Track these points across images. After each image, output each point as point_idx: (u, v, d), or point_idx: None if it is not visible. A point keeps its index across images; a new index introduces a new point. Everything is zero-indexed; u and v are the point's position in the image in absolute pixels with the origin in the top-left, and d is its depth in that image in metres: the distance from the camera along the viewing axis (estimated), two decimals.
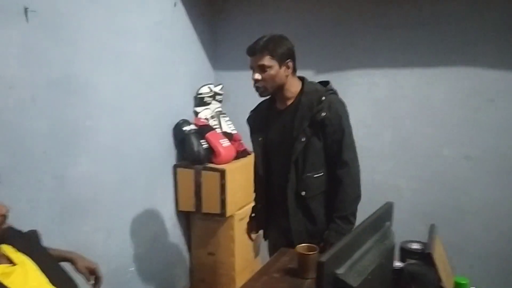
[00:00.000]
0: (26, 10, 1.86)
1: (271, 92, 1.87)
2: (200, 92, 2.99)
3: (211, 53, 3.18)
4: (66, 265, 1.58)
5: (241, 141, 3.02)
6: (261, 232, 2.16)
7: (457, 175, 2.60)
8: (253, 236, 2.21)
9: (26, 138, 1.91)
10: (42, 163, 1.99)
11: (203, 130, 2.86)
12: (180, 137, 2.81)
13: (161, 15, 2.72)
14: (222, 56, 3.19)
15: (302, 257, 1.54)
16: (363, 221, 1.05)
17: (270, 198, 2.00)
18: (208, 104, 3.04)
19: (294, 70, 1.87)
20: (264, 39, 1.80)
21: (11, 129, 1.85)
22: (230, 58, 3.17)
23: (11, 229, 1.36)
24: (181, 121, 2.83)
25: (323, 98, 1.81)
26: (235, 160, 2.91)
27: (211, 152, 2.82)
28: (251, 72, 1.85)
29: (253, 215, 2.18)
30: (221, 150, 2.80)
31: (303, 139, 1.80)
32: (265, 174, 1.99)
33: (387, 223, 1.17)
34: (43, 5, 1.92)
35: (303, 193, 1.85)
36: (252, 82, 1.86)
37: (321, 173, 1.85)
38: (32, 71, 1.92)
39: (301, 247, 1.57)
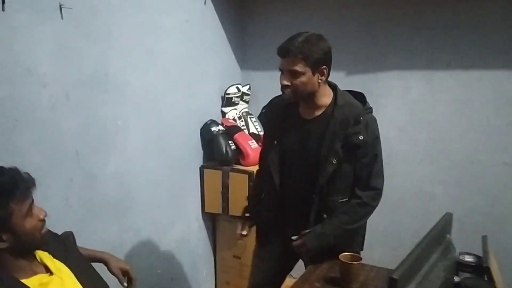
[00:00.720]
0: (61, 6, 1.82)
1: (299, 99, 1.70)
2: (228, 92, 2.94)
3: (239, 52, 3.13)
4: (98, 266, 1.54)
5: None
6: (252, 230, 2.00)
7: (496, 182, 2.50)
8: (245, 232, 1.95)
9: (59, 137, 1.88)
10: (74, 162, 1.96)
11: (232, 130, 2.81)
12: (208, 138, 2.76)
13: (191, 13, 2.67)
14: (249, 55, 3.14)
15: (345, 266, 1.48)
16: (427, 234, 0.98)
17: (281, 208, 1.85)
18: (236, 104, 2.99)
19: (328, 76, 1.69)
20: (300, 39, 1.58)
21: (44, 127, 1.82)
22: (258, 58, 3.11)
23: (48, 232, 1.32)
24: (209, 121, 2.79)
25: (361, 118, 1.65)
26: None
27: (239, 153, 2.76)
28: (278, 72, 1.68)
29: (247, 215, 2.00)
30: (249, 151, 2.74)
31: (334, 161, 1.63)
32: (280, 184, 1.82)
33: (448, 236, 1.10)
34: (77, 2, 1.89)
35: (325, 215, 1.71)
36: (279, 84, 1.75)
37: (347, 198, 1.72)
38: (65, 68, 1.88)
39: (344, 256, 1.50)
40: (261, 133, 2.97)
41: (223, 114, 2.99)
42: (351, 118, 1.64)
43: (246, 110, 3.06)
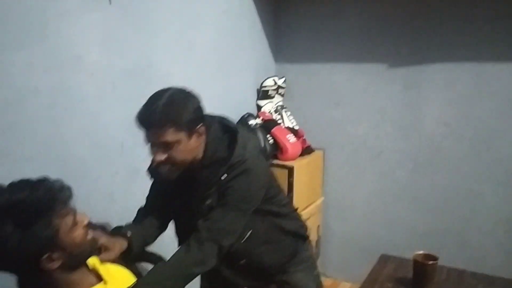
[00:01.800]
0: None
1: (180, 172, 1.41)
2: (264, 84, 2.85)
3: (274, 44, 3.03)
4: None
5: (304, 137, 2.88)
6: None
7: None
8: None
9: (105, 129, 1.81)
10: (119, 155, 1.89)
11: (269, 124, 2.72)
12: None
13: (228, 3, 2.58)
14: (284, 48, 3.04)
15: (419, 266, 1.39)
16: None
17: None
18: (272, 97, 2.90)
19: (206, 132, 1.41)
20: (161, 102, 1.27)
21: (91, 118, 1.74)
22: (293, 51, 3.01)
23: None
24: (247, 115, 2.70)
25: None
26: (301, 157, 2.77)
27: (277, 147, 2.68)
28: (314, 65, 1.46)
29: None
30: (288, 146, 2.65)
31: None
32: None
33: None
34: None
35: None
36: (314, 78, 1.48)
37: None
38: (112, 57, 1.81)
39: (418, 255, 1.41)
40: (297, 128, 2.89)
41: (259, 107, 2.90)
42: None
43: (281, 103, 2.97)
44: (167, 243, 1.56)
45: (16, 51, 1.45)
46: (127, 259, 1.38)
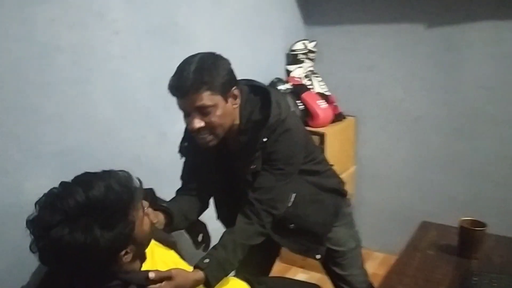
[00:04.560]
0: None
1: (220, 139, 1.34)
2: (294, 48, 2.73)
3: (304, 6, 2.88)
4: None
5: (336, 104, 2.76)
6: None
7: None
8: None
9: (131, 91, 1.75)
10: (146, 118, 1.83)
11: (299, 89, 2.62)
12: None
13: None
14: (315, 10, 2.89)
15: (466, 232, 1.29)
16: None
17: None
18: (301, 62, 2.78)
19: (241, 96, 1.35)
20: (192, 68, 1.22)
21: (116, 79, 1.68)
22: (324, 12, 2.85)
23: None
24: (276, 80, 2.60)
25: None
26: (332, 124, 2.66)
27: (307, 113, 2.57)
28: (346, 27, 1.36)
29: None
30: (319, 111, 2.55)
31: None
32: None
33: None
34: None
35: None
36: (346, 41, 1.40)
37: None
38: (136, 15, 1.73)
39: (465, 220, 1.31)
40: (328, 93, 2.77)
41: (288, 72, 2.79)
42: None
43: (311, 68, 2.85)
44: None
45: (37, 5, 1.38)
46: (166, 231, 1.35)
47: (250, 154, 1.34)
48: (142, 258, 1.11)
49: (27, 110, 1.39)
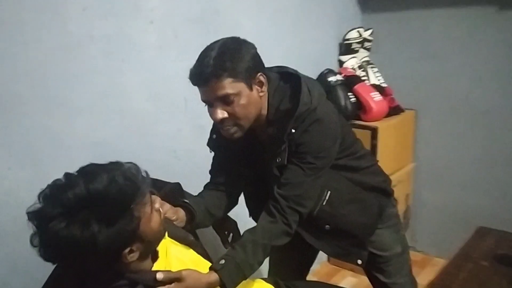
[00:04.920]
0: None
1: (246, 130, 1.24)
2: (347, 37, 2.57)
3: None
4: None
5: (393, 96, 2.56)
6: None
7: None
8: None
9: (167, 82, 1.70)
10: (183, 111, 1.78)
11: (351, 81, 2.46)
12: (324, 89, 2.43)
13: None
14: None
15: None
16: None
17: None
18: (356, 51, 2.61)
19: (268, 82, 1.24)
20: (213, 53, 1.13)
21: (151, 70, 1.64)
22: None
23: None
24: (326, 71, 2.45)
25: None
26: (387, 118, 2.47)
27: (360, 106, 2.41)
28: (407, 12, 1.22)
29: None
30: (372, 104, 2.37)
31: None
32: None
33: None
34: None
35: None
36: (405, 28, 1.26)
37: None
38: (174, 4, 1.68)
39: None
40: (384, 85, 2.58)
41: (341, 63, 2.63)
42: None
43: (367, 59, 2.66)
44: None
45: None
46: (187, 228, 1.27)
47: (277, 146, 1.24)
48: (154, 257, 1.05)
49: (58, 101, 1.39)
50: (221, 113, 1.17)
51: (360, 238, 1.43)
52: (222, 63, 1.12)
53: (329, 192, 1.32)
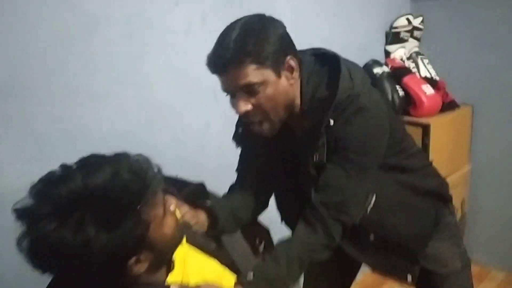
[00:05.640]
0: None
1: (278, 124, 1.05)
2: (395, 25, 2.33)
3: None
4: None
5: (446, 90, 2.30)
6: None
7: None
8: None
9: (194, 70, 1.52)
10: (212, 103, 1.60)
11: (399, 73, 2.22)
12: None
13: None
14: None
15: None
16: None
17: None
18: (404, 41, 2.37)
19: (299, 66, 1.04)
20: (234, 34, 0.95)
21: (177, 56, 1.49)
22: None
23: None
24: (371, 62, 2.23)
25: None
26: (440, 114, 2.22)
27: (409, 101, 2.17)
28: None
29: None
30: (423, 98, 2.13)
31: None
32: None
33: None
34: None
35: None
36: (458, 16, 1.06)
37: None
38: None
39: None
40: (437, 78, 2.33)
41: (387, 54, 2.40)
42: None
43: (416, 49, 2.42)
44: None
45: None
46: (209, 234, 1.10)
47: (313, 141, 1.04)
48: (168, 267, 0.88)
49: (71, 89, 1.25)
50: (245, 105, 0.99)
51: (411, 251, 1.23)
52: (244, 46, 0.94)
53: (375, 196, 1.11)
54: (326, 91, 1.03)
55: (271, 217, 1.33)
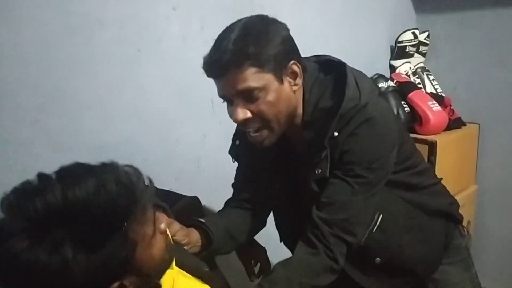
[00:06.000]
0: None
1: (278, 134, 0.97)
2: (401, 39, 2.27)
3: None
4: None
5: (453, 107, 2.23)
6: None
7: None
8: None
9: (191, 79, 1.44)
10: (209, 114, 1.54)
11: (405, 88, 2.14)
12: None
13: None
14: None
15: None
16: None
17: None
18: (410, 56, 2.30)
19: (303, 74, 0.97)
20: (233, 36, 0.89)
21: (173, 64, 1.43)
22: None
23: None
24: (376, 76, 2.16)
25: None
26: (446, 131, 2.14)
27: (415, 117, 2.09)
28: (470, 13, 1.20)
29: None
30: (430, 115, 2.05)
31: None
32: None
33: None
34: None
35: None
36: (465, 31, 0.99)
37: None
38: None
39: None
40: (442, 95, 2.26)
41: (392, 68, 2.33)
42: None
43: (422, 65, 2.35)
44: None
45: None
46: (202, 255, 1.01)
47: (315, 154, 0.96)
48: None
49: (60, 95, 1.17)
50: (243, 113, 0.92)
51: (419, 276, 1.14)
52: (244, 48, 0.88)
53: (381, 215, 1.03)
54: (330, 100, 0.96)
55: (268, 235, 1.25)
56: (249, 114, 0.91)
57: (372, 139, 0.93)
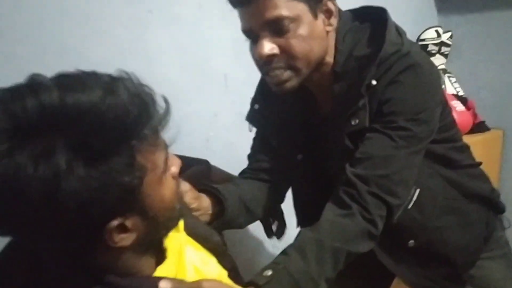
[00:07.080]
0: None
1: (307, 77, 0.85)
2: (423, 37, 2.17)
3: None
4: None
5: (476, 111, 2.11)
6: None
7: None
8: None
9: (206, 49, 1.38)
10: (222, 91, 1.43)
11: None
12: None
13: None
14: None
15: None
16: None
17: None
18: (432, 55, 2.19)
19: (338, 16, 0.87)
20: None
21: (188, 30, 1.31)
22: None
23: None
24: None
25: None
26: (470, 134, 2.02)
27: None
28: (495, 13, 1.03)
29: None
30: (454, 115, 1.91)
31: None
32: None
33: None
34: None
35: None
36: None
37: None
38: None
39: None
40: (464, 96, 2.15)
41: None
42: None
43: (443, 67, 2.25)
44: None
45: None
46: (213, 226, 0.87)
47: (352, 104, 0.83)
48: (159, 255, 0.65)
49: (64, 54, 1.05)
50: (270, 47, 0.79)
51: (456, 268, 0.99)
52: None
53: (418, 190, 0.89)
54: (367, 48, 0.84)
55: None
56: (276, 50, 0.79)
57: (417, 87, 0.81)
